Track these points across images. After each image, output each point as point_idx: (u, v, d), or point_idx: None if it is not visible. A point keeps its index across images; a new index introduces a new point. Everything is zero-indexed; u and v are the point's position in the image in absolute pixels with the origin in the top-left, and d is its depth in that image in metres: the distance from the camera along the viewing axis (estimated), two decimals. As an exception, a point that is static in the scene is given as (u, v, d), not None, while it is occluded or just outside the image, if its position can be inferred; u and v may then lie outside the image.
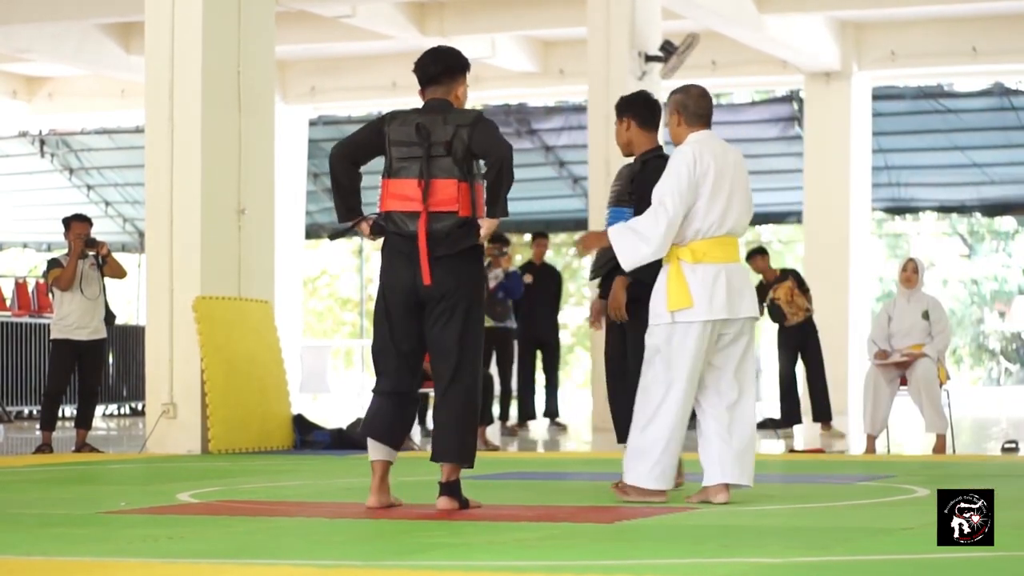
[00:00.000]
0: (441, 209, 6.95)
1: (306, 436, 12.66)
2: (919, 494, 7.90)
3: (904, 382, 12.28)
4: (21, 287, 20.14)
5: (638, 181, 7.85)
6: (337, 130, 25.04)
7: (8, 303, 19.65)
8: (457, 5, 20.77)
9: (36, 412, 18.19)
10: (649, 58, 16.76)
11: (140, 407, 19.55)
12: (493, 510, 7.03)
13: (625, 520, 6.60)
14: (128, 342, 20.19)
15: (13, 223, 30.38)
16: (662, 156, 7.89)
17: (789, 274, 15.49)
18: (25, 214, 29.97)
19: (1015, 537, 5.76)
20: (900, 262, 12.87)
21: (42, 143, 28.17)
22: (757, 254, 15.49)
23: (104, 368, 15.38)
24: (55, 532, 6.39)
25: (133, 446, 13.24)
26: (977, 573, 4.99)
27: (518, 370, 16.55)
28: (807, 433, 15.53)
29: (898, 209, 26.75)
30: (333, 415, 18.27)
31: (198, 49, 12.07)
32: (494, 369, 15.88)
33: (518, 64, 22.57)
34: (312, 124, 25.55)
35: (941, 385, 12.17)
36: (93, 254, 12.58)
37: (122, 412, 20.76)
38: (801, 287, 15.30)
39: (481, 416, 12.33)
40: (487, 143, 6.93)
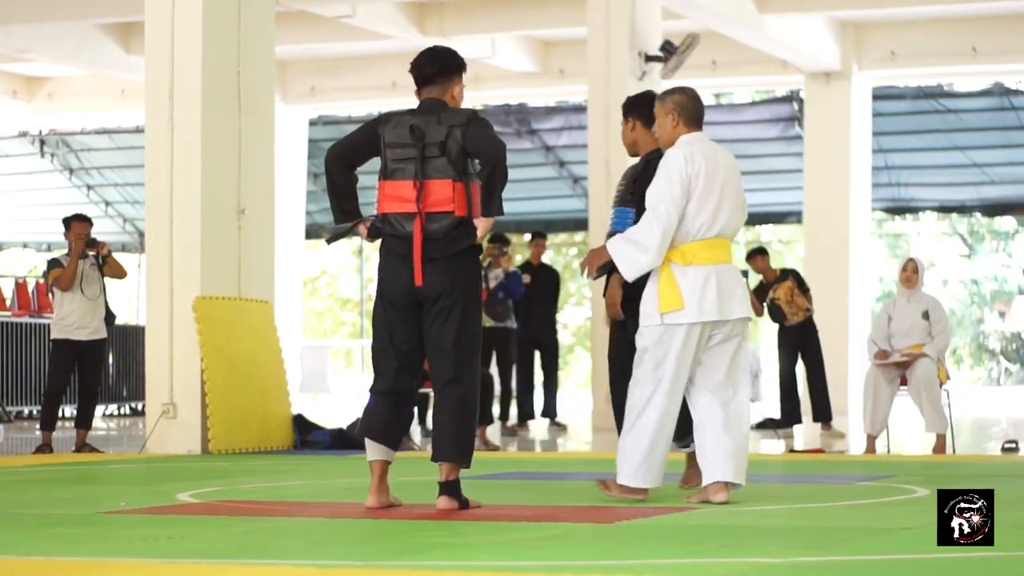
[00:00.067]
0: (437, 210, 6.96)
1: (306, 436, 12.66)
2: (919, 494, 7.90)
3: (904, 382, 12.28)
4: (21, 287, 20.13)
5: (640, 181, 7.85)
6: (337, 130, 25.02)
7: (8, 303, 19.64)
8: (457, 5, 20.77)
9: (36, 412, 18.19)
10: (649, 58, 16.75)
11: (140, 407, 19.55)
12: (493, 510, 7.03)
13: (625, 520, 6.60)
14: (128, 342, 20.19)
15: (13, 223, 30.36)
16: None
17: (789, 274, 15.50)
18: (25, 214, 29.95)
19: (1015, 537, 5.76)
20: (900, 262, 12.87)
21: (42, 143, 28.15)
22: (757, 254, 15.50)
23: (104, 368, 15.38)
24: (55, 532, 6.39)
25: (133, 446, 13.24)
26: (977, 573, 4.99)
27: (517, 370, 16.54)
28: (807, 433, 15.53)
29: (898, 209, 26.74)
30: (333, 415, 18.27)
31: (198, 49, 12.07)
32: (494, 369, 15.88)
33: (518, 64, 22.57)
34: (312, 124, 25.55)
35: (941, 385, 12.17)
36: (93, 254, 12.58)
37: (122, 412, 20.76)
38: (801, 287, 15.31)
39: (481, 416, 12.33)
40: (480, 142, 6.93)
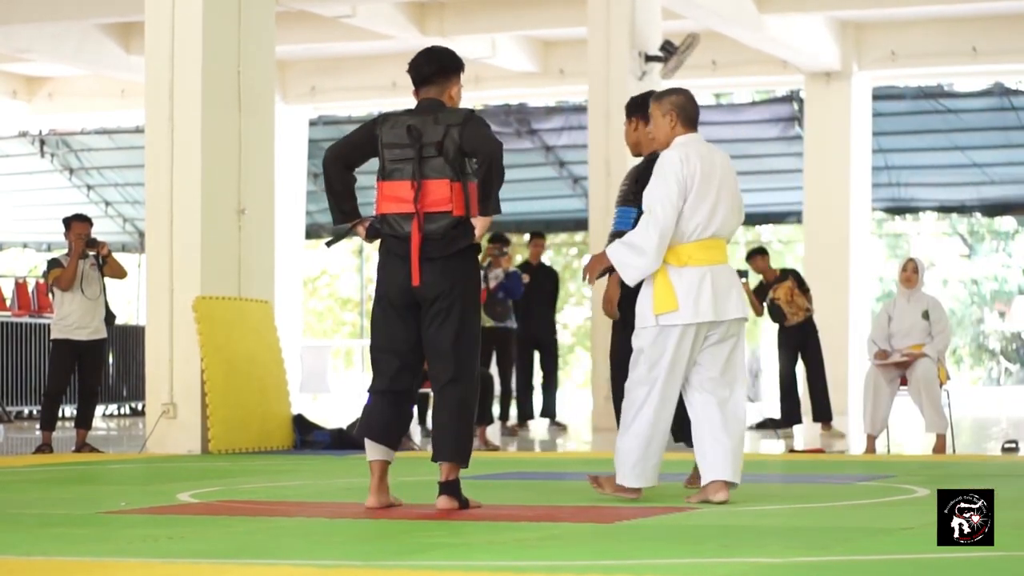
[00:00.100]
0: (435, 210, 6.96)
1: (306, 436, 12.66)
2: (919, 494, 7.90)
3: (904, 382, 12.28)
4: (21, 287, 20.13)
5: (643, 181, 7.86)
6: (337, 130, 25.02)
7: (8, 303, 19.64)
8: (457, 5, 20.77)
9: (36, 412, 18.19)
10: (649, 58, 16.75)
11: (140, 407, 19.55)
12: (493, 510, 7.03)
13: (625, 520, 6.60)
14: (128, 342, 20.19)
15: (13, 223, 30.37)
16: None
17: (789, 274, 15.50)
18: (25, 214, 29.96)
19: (1015, 537, 5.76)
20: (900, 262, 12.87)
21: (42, 143, 28.15)
22: (757, 254, 15.51)
23: (104, 368, 15.38)
24: (55, 532, 6.39)
25: (133, 446, 13.24)
26: (977, 573, 4.99)
27: (516, 370, 16.54)
28: (807, 433, 15.53)
29: (898, 209, 26.74)
30: (333, 415, 18.27)
31: (198, 49, 12.07)
32: (494, 369, 15.88)
33: (518, 64, 22.57)
34: (312, 124, 25.55)
35: (941, 385, 12.17)
36: (93, 254, 12.57)
37: (122, 412, 20.75)
38: (801, 287, 15.31)
39: (481, 416, 12.33)
40: (477, 141, 6.93)
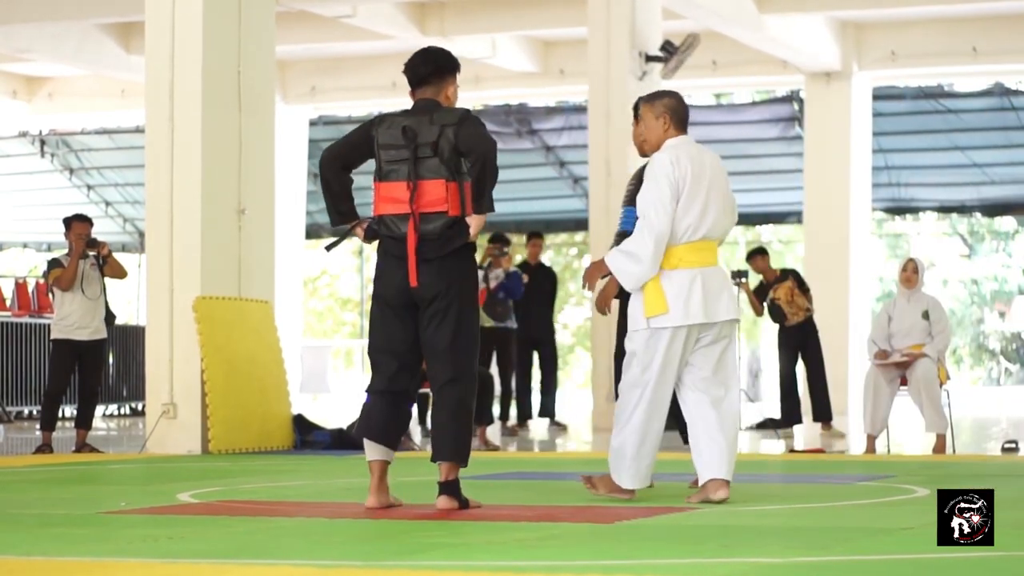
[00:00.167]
0: (431, 210, 6.96)
1: (306, 436, 12.65)
2: (919, 494, 7.90)
3: (904, 382, 12.28)
4: (21, 287, 20.12)
5: None
6: (337, 130, 25.02)
7: (8, 303, 19.64)
8: (457, 5, 20.77)
9: (36, 412, 18.19)
10: (650, 58, 16.75)
11: (140, 407, 19.56)
12: (493, 510, 7.03)
13: (625, 520, 6.60)
14: (128, 342, 20.19)
15: (13, 223, 30.38)
16: None
17: (789, 274, 15.51)
18: (25, 214, 29.96)
19: (1015, 537, 5.76)
20: (900, 262, 12.87)
21: (42, 143, 28.16)
22: (757, 254, 15.52)
23: (104, 368, 15.38)
24: (55, 532, 6.39)
25: (133, 446, 13.24)
26: (977, 573, 4.99)
27: (516, 370, 16.54)
28: (807, 433, 15.53)
29: (898, 209, 26.74)
30: (333, 415, 18.27)
31: (198, 49, 12.07)
32: (494, 369, 15.87)
33: (518, 64, 22.57)
34: (312, 124, 25.55)
35: (941, 385, 12.17)
36: (94, 254, 12.57)
37: (122, 412, 20.75)
38: (801, 287, 15.31)
39: (481, 416, 12.32)
40: (470, 140, 6.93)
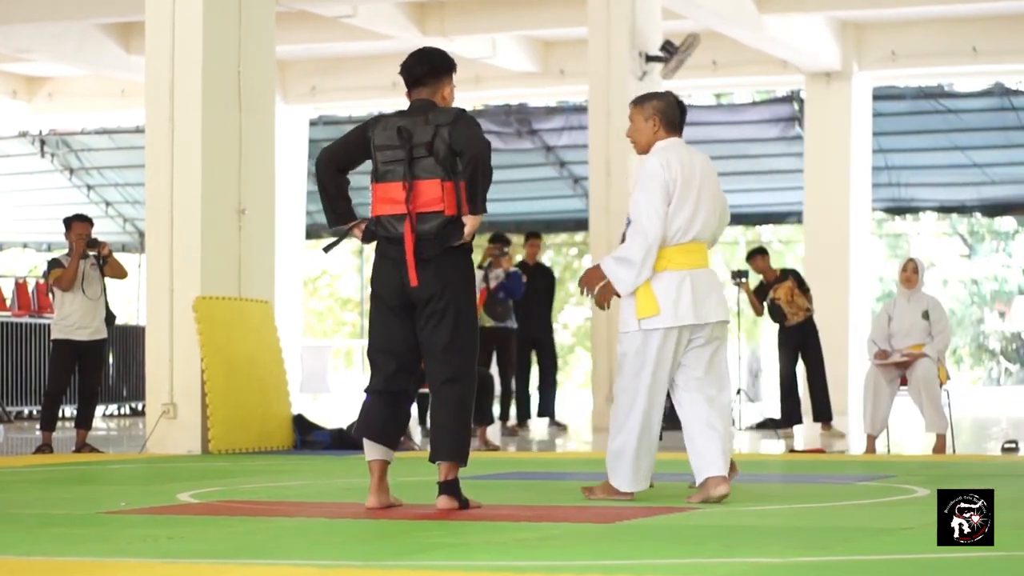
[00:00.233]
0: (427, 210, 6.97)
1: (306, 436, 12.65)
2: (919, 494, 7.90)
3: (904, 382, 12.28)
4: (21, 287, 20.12)
5: None
6: (337, 130, 25.00)
7: (8, 303, 19.64)
8: (457, 5, 20.77)
9: (36, 412, 18.19)
10: (650, 58, 16.75)
11: (140, 407, 19.55)
12: (493, 510, 7.03)
13: (625, 520, 6.60)
14: (128, 342, 20.19)
15: (13, 223, 30.38)
16: None
17: (789, 274, 15.51)
18: (25, 214, 29.96)
19: (1015, 537, 5.76)
20: (900, 262, 12.87)
21: (42, 143, 28.15)
22: (757, 254, 15.52)
23: (104, 368, 15.38)
24: (55, 532, 6.39)
25: (133, 446, 13.24)
26: (977, 573, 4.99)
27: (515, 370, 16.55)
28: (807, 433, 15.53)
29: (898, 209, 26.74)
30: (333, 415, 18.27)
31: (198, 49, 12.07)
32: (494, 369, 15.87)
33: (518, 64, 22.57)
34: (312, 124, 25.55)
35: (941, 385, 12.17)
36: (94, 254, 12.57)
37: (122, 412, 20.75)
38: (801, 287, 15.31)
39: (481, 416, 12.32)
40: (465, 140, 6.93)
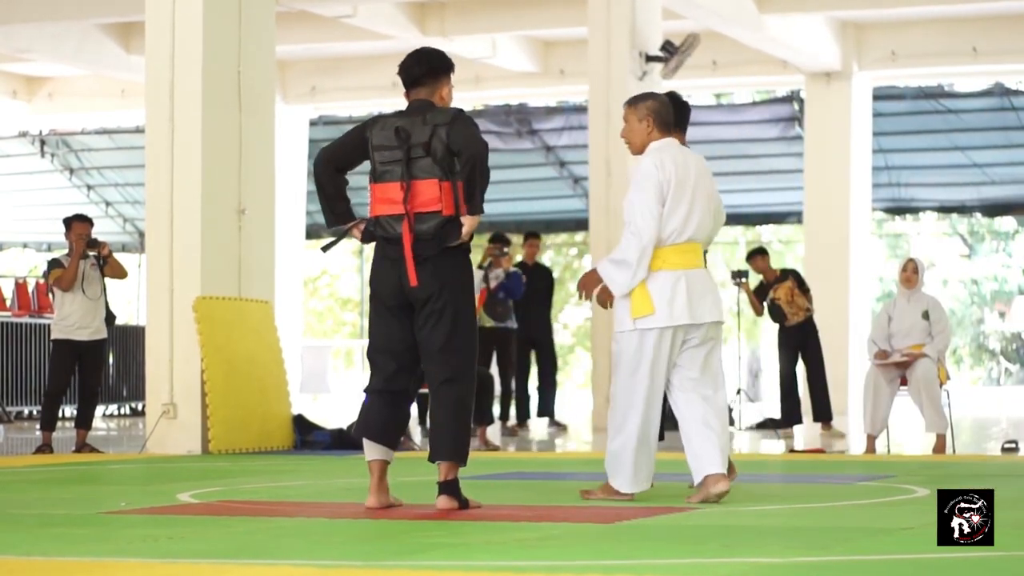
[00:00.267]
0: (425, 210, 6.97)
1: (306, 436, 12.65)
2: (919, 494, 7.90)
3: (904, 382, 12.28)
4: (21, 287, 20.12)
5: None
6: (337, 130, 24.97)
7: (8, 303, 19.64)
8: (457, 5, 20.76)
9: (36, 412, 18.19)
10: (650, 58, 16.74)
11: (140, 407, 19.55)
12: (493, 510, 7.03)
13: (625, 520, 6.60)
14: (128, 342, 20.19)
15: (13, 223, 30.37)
16: None
17: (789, 274, 15.51)
18: (25, 214, 29.96)
19: (1015, 537, 5.76)
20: (900, 262, 12.87)
21: (42, 143, 28.15)
22: (757, 254, 15.52)
23: (104, 368, 15.38)
24: (55, 532, 6.39)
25: (133, 446, 13.24)
26: (977, 573, 4.99)
27: (515, 370, 16.55)
28: (807, 433, 15.53)
29: (898, 209, 26.74)
30: (333, 415, 18.26)
31: (198, 49, 12.07)
32: (494, 369, 15.87)
33: (518, 64, 22.56)
34: (312, 124, 25.55)
35: (941, 385, 12.17)
36: (94, 254, 12.57)
37: (122, 412, 20.75)
38: (801, 287, 15.31)
39: (481, 416, 12.32)
40: (461, 140, 6.94)
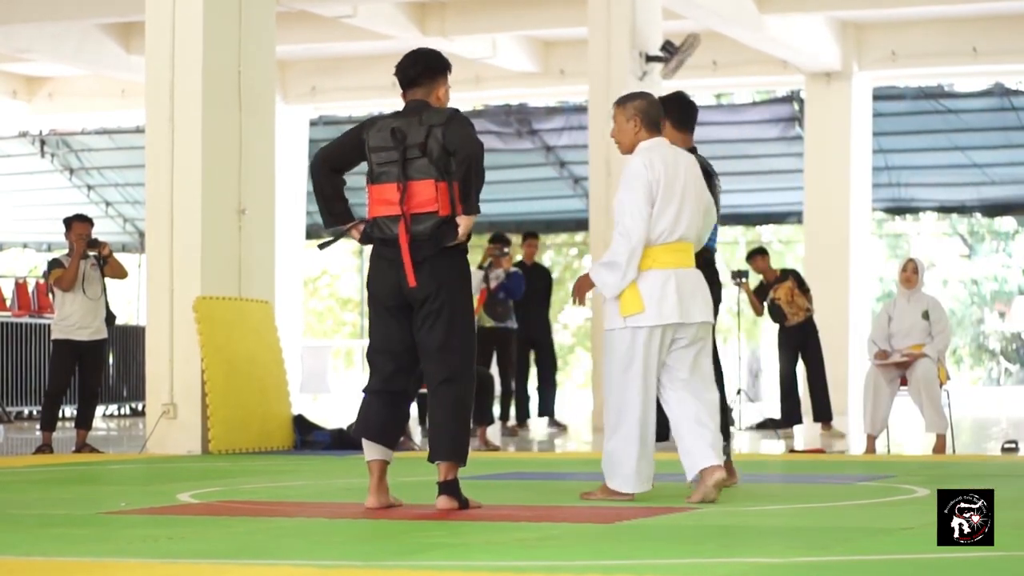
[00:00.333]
0: (421, 211, 6.97)
1: (306, 436, 12.65)
2: (919, 494, 7.90)
3: (904, 382, 12.28)
4: (21, 287, 20.12)
5: None
6: (337, 130, 24.91)
7: (8, 303, 19.64)
8: (457, 5, 20.76)
9: (36, 412, 18.19)
10: (650, 58, 16.74)
11: (140, 407, 19.55)
12: (493, 510, 7.03)
13: (625, 520, 6.60)
14: (128, 342, 20.19)
15: (13, 223, 30.37)
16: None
17: (789, 274, 15.51)
18: (25, 214, 29.96)
19: (1015, 537, 5.76)
20: (900, 262, 12.87)
21: (42, 143, 28.15)
22: (757, 254, 15.53)
23: (104, 368, 15.38)
24: (55, 532, 6.39)
25: (133, 446, 13.24)
26: (977, 573, 4.99)
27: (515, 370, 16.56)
28: (807, 433, 15.53)
29: (898, 209, 26.74)
30: (333, 415, 18.26)
31: (198, 49, 12.07)
32: (494, 369, 15.87)
33: (518, 64, 22.56)
34: (312, 124, 25.55)
35: (941, 385, 12.17)
36: (94, 254, 12.57)
37: (122, 412, 20.75)
38: (801, 287, 15.32)
39: (481, 416, 12.32)
40: (458, 140, 6.94)
